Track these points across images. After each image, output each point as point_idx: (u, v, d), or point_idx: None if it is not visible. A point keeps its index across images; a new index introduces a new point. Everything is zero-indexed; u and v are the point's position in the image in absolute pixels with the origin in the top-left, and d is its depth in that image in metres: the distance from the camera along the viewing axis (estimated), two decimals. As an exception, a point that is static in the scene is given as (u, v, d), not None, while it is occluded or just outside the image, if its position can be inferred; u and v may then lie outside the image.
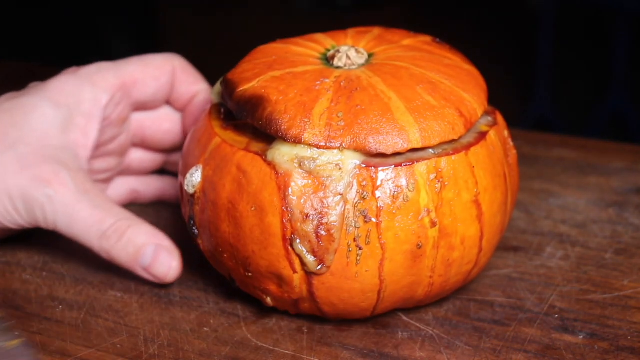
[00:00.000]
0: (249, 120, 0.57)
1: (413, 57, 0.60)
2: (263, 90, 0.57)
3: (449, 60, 0.61)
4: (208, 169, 0.59)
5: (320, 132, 0.55)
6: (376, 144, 0.55)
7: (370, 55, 0.61)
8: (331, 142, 0.55)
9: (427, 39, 0.64)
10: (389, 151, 0.55)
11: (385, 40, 0.63)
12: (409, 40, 0.63)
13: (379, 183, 0.55)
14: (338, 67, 0.59)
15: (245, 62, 0.62)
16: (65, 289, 0.65)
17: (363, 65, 0.60)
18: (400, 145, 0.55)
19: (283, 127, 0.55)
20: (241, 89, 0.58)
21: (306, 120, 0.55)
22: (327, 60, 0.60)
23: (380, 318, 0.61)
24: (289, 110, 0.56)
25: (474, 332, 0.60)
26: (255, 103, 0.57)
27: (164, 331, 0.60)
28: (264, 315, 0.62)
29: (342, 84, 0.57)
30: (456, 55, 0.62)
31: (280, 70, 0.59)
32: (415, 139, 0.55)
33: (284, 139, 0.55)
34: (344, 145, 0.55)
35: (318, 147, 0.55)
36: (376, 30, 0.65)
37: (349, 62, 0.59)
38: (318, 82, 0.57)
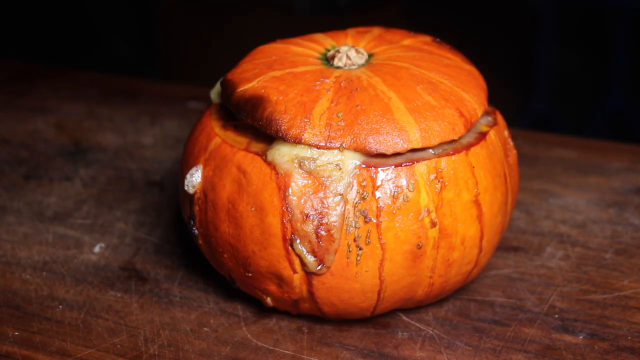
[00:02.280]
0: (248, 121, 0.57)
1: (413, 57, 0.60)
2: (263, 91, 0.57)
3: (449, 60, 0.61)
4: (208, 169, 0.59)
5: (320, 132, 0.55)
6: (376, 144, 0.55)
7: (370, 56, 0.61)
8: (331, 142, 0.55)
9: (427, 39, 0.64)
10: (389, 151, 0.55)
11: (385, 40, 0.63)
12: (409, 40, 0.63)
13: (379, 183, 0.55)
14: (338, 67, 0.59)
15: (245, 62, 0.62)
16: (65, 289, 0.65)
17: (363, 65, 0.60)
18: (400, 145, 0.55)
19: (283, 127, 0.55)
20: (241, 89, 0.58)
21: (306, 120, 0.55)
22: (327, 60, 0.60)
23: (380, 318, 0.61)
24: (289, 111, 0.56)
25: (474, 332, 0.60)
26: (255, 103, 0.57)
27: (164, 331, 0.60)
28: (264, 315, 0.62)
29: (342, 84, 0.57)
30: (456, 55, 0.62)
31: (280, 70, 0.59)
32: (415, 139, 0.55)
33: (284, 139, 0.55)
34: (344, 145, 0.55)
35: (318, 147, 0.55)
36: (376, 30, 0.64)
37: (349, 62, 0.59)
38: (318, 82, 0.57)
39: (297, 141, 0.55)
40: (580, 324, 0.60)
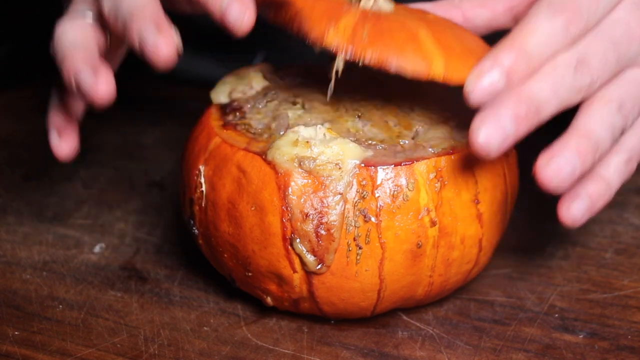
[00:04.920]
0: (270, 16, 0.56)
1: (439, 19, 0.59)
2: None
3: (473, 39, 0.60)
4: (208, 169, 0.59)
5: (344, 38, 0.53)
6: (397, 62, 0.52)
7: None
8: (352, 52, 0.52)
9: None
10: (408, 74, 0.52)
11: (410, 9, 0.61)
12: (433, 16, 0.62)
13: (378, 182, 0.55)
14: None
15: None
16: (65, 289, 0.65)
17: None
18: (422, 70, 0.52)
19: (306, 25, 0.54)
20: None
21: (331, 25, 0.53)
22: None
23: (380, 317, 0.61)
24: (314, 16, 0.54)
25: (474, 331, 0.60)
26: (280, 4, 0.55)
27: (164, 331, 0.60)
28: (264, 315, 0.62)
29: (369, 14, 0.55)
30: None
31: None
32: (438, 70, 0.53)
33: (305, 38, 0.53)
34: (364, 59, 0.53)
35: (337, 51, 0.53)
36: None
37: (376, 5, 0.57)
38: (346, 6, 0.56)
39: (319, 40, 0.53)
40: (580, 323, 0.60)
